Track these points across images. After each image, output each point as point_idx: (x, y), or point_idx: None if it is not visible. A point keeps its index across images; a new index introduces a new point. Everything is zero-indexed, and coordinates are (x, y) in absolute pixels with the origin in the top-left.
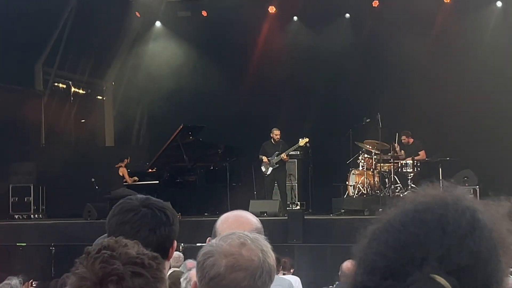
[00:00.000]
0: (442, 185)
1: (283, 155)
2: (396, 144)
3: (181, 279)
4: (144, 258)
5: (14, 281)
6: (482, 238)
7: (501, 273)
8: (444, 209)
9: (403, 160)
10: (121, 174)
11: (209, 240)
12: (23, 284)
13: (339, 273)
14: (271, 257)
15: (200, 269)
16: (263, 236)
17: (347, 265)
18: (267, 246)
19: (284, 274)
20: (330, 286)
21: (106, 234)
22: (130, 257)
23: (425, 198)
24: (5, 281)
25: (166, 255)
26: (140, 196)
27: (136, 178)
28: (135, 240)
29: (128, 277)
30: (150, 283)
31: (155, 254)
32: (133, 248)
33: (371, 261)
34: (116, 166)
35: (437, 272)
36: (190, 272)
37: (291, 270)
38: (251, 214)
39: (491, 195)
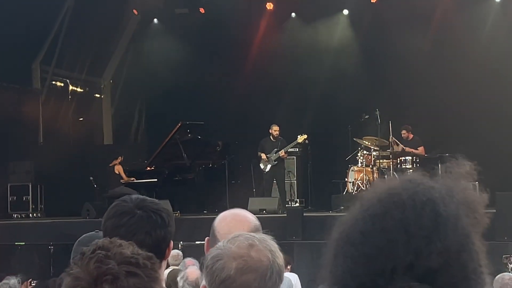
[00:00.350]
0: (398, 177)
1: (281, 152)
2: (391, 137)
3: (178, 278)
4: (138, 258)
5: (13, 280)
6: (448, 232)
7: (476, 256)
8: (402, 210)
9: (400, 150)
10: (117, 172)
11: (208, 240)
12: (22, 284)
13: None
14: (280, 257)
15: (210, 273)
16: (269, 236)
17: None
18: (275, 246)
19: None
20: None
21: (93, 232)
22: (124, 257)
23: (380, 197)
24: (4, 281)
25: (162, 256)
26: (134, 197)
27: (133, 178)
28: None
29: (122, 277)
30: (145, 282)
31: (149, 254)
32: (128, 248)
33: (342, 279)
34: (110, 165)
35: (409, 282)
36: (186, 270)
37: (288, 267)
38: (249, 212)
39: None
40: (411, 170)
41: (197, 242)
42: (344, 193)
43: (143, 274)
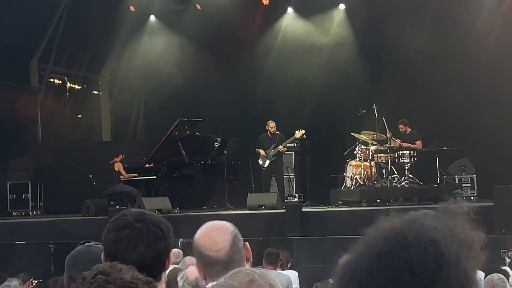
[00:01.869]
0: (401, 217)
1: (281, 147)
2: (389, 132)
3: (178, 278)
4: (138, 283)
5: (14, 282)
6: (450, 273)
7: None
8: (407, 251)
9: (397, 146)
10: (116, 169)
11: (198, 264)
12: (24, 284)
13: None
14: None
15: None
16: (269, 270)
17: (345, 260)
18: (275, 281)
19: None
20: (330, 280)
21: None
22: (124, 282)
23: (385, 236)
24: (5, 283)
25: (162, 267)
26: (134, 210)
27: (135, 174)
28: (132, 255)
29: None
30: None
31: (149, 278)
32: (128, 273)
33: None
34: (110, 162)
35: None
36: (186, 270)
37: (289, 265)
38: (224, 221)
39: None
40: (408, 164)
41: (193, 239)
42: (343, 187)
43: None
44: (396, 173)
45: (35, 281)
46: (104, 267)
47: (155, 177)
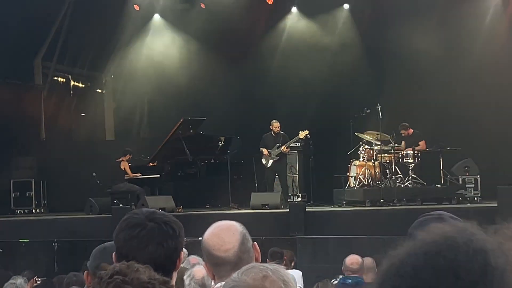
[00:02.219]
0: (453, 223)
1: (283, 147)
2: (393, 142)
3: (184, 277)
4: (155, 283)
5: (19, 280)
6: (494, 282)
7: None
8: (455, 253)
9: (403, 150)
10: (122, 168)
11: (206, 265)
12: (28, 282)
13: (342, 268)
14: (293, 286)
15: None
16: (282, 266)
17: (350, 259)
18: (288, 277)
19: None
20: (334, 280)
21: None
22: (141, 282)
23: (435, 239)
24: (10, 281)
25: (173, 267)
26: (145, 209)
27: (139, 174)
28: (144, 254)
29: None
30: None
31: (166, 278)
32: (145, 273)
33: None
34: (117, 160)
35: None
36: (193, 269)
37: (292, 264)
38: (233, 221)
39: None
40: (412, 164)
41: (200, 238)
42: (346, 187)
43: None
44: (399, 173)
45: (39, 279)
46: (121, 267)
47: (158, 175)
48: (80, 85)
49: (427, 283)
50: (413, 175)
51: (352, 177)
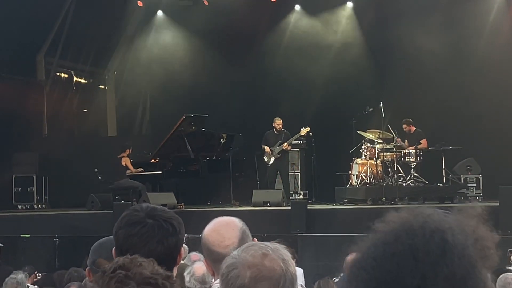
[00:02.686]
0: (408, 209)
1: (285, 145)
2: (397, 139)
3: (185, 274)
4: (158, 278)
5: (20, 275)
6: (454, 259)
7: (482, 286)
8: (412, 237)
9: (405, 149)
10: (124, 164)
11: (206, 261)
12: (29, 277)
13: (343, 266)
14: (292, 265)
15: (225, 281)
16: (283, 246)
17: (352, 258)
18: (288, 255)
19: None
20: (335, 278)
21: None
22: (144, 277)
23: (392, 227)
24: (11, 275)
25: (174, 263)
26: (145, 206)
27: (141, 169)
28: (144, 251)
29: None
30: None
31: (168, 273)
32: (148, 267)
33: None
34: (118, 156)
35: None
36: (194, 266)
37: (293, 261)
38: (233, 217)
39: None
40: (414, 163)
41: (201, 235)
42: (348, 185)
43: None
44: (401, 171)
45: (39, 274)
46: (124, 261)
47: (160, 172)
48: (83, 81)
49: (389, 271)
50: (415, 174)
51: (354, 175)
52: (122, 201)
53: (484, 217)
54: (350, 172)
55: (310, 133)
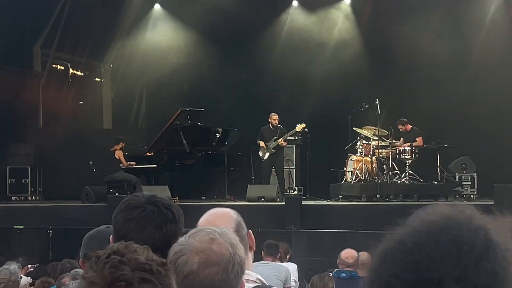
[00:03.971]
0: (452, 204)
1: (280, 141)
2: (392, 140)
3: None
4: (153, 264)
5: (13, 266)
6: (497, 257)
7: None
8: (458, 229)
9: (401, 146)
10: (117, 157)
11: None
12: (22, 268)
13: (337, 261)
14: (240, 249)
15: (173, 268)
16: (230, 230)
17: (346, 253)
18: (236, 239)
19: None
20: (330, 274)
21: (104, 227)
22: (139, 263)
23: (436, 218)
24: (4, 266)
25: None
26: (146, 193)
27: (133, 162)
28: (141, 236)
29: (136, 283)
30: None
31: (164, 260)
32: (143, 253)
33: (386, 283)
34: (111, 149)
35: None
36: None
37: (287, 257)
38: (228, 208)
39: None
40: (409, 161)
41: (196, 226)
42: (343, 182)
43: (156, 281)
44: (396, 169)
45: (31, 266)
46: (118, 247)
47: (155, 166)
48: (79, 73)
49: (430, 258)
50: (410, 171)
51: (349, 171)
52: (117, 194)
53: None
54: (345, 168)
55: (306, 129)
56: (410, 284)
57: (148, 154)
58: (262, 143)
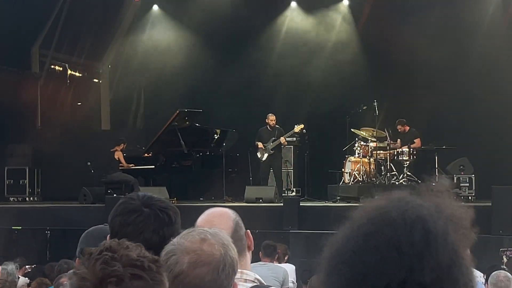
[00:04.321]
0: (386, 196)
1: (283, 139)
2: (390, 141)
3: None
4: (144, 260)
5: (11, 266)
6: (439, 248)
7: (465, 271)
8: (393, 229)
9: (399, 148)
10: (116, 158)
11: None
12: (20, 269)
13: None
14: (232, 250)
15: (164, 268)
16: (223, 231)
17: None
18: (228, 240)
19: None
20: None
21: (102, 225)
22: (130, 260)
23: (370, 216)
24: (2, 266)
25: None
26: (142, 194)
27: (133, 164)
28: (139, 241)
29: (127, 279)
30: (150, 285)
31: (155, 257)
32: (135, 250)
33: None
34: (111, 150)
35: None
36: None
37: (286, 258)
38: (226, 208)
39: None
40: (407, 162)
41: (194, 225)
42: (341, 183)
43: (148, 277)
44: (394, 170)
45: (28, 267)
46: (111, 244)
47: (153, 167)
48: (77, 74)
49: (372, 264)
50: (408, 173)
51: (347, 173)
52: (115, 195)
53: (454, 191)
54: (343, 169)
55: (304, 130)
56: None
57: (146, 155)
58: (260, 144)
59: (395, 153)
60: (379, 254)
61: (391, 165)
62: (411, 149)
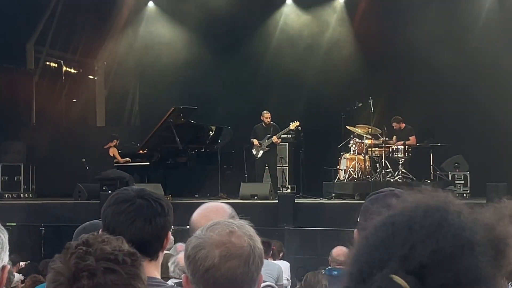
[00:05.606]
0: (425, 191)
1: (274, 138)
2: (385, 138)
3: (169, 263)
4: (118, 254)
5: None
6: (448, 236)
7: (479, 271)
8: (414, 210)
9: (394, 145)
10: (111, 154)
11: (180, 247)
12: (14, 266)
13: (329, 259)
14: (259, 241)
15: (193, 262)
16: (246, 221)
17: (337, 251)
18: (253, 231)
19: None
20: (322, 271)
21: (97, 220)
22: (104, 253)
23: (407, 203)
24: None
25: (160, 246)
26: (135, 187)
27: (128, 159)
28: (131, 230)
29: (100, 273)
30: (124, 279)
31: (132, 250)
32: (110, 244)
33: (350, 267)
34: (105, 146)
35: (397, 272)
36: (177, 256)
37: (280, 255)
38: (222, 203)
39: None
40: (402, 159)
41: (188, 227)
42: (336, 180)
43: (122, 271)
44: (389, 167)
45: (23, 263)
46: (88, 238)
47: (148, 163)
48: (72, 70)
49: (382, 238)
50: (403, 170)
51: (342, 170)
52: (109, 192)
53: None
54: (338, 167)
55: (299, 127)
56: (364, 266)
57: (141, 151)
58: (255, 141)
59: (390, 150)
60: (392, 230)
61: (386, 162)
62: (406, 146)
